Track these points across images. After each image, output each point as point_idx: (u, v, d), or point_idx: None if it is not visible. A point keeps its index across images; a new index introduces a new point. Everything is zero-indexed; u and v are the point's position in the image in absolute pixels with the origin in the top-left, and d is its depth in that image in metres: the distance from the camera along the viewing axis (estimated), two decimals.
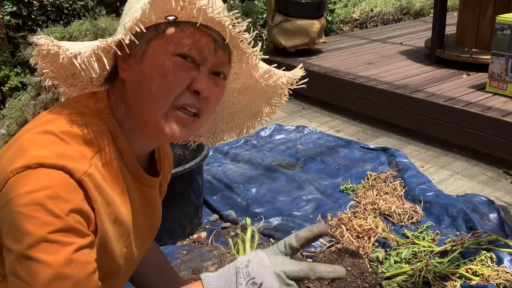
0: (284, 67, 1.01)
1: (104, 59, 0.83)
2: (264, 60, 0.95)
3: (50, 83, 0.95)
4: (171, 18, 0.81)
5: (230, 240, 1.92)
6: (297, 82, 0.98)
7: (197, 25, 0.81)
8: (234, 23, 0.81)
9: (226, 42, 0.85)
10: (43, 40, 0.86)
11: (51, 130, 0.81)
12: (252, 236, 1.93)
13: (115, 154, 0.88)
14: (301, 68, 0.98)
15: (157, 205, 1.10)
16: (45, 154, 0.77)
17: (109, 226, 0.85)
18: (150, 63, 0.84)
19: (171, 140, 0.90)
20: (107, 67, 0.90)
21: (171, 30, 0.83)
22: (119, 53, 0.83)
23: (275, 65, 0.98)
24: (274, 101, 1.06)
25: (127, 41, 0.79)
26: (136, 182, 0.95)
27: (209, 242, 2.25)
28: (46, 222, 0.73)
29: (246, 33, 0.83)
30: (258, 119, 1.12)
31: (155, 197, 1.06)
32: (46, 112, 0.88)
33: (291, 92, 1.01)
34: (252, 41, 0.85)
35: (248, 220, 2.20)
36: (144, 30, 0.79)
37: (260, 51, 0.88)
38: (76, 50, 0.82)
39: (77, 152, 0.80)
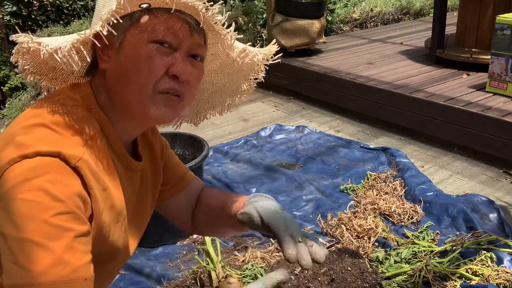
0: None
1: (84, 51, 0.84)
2: None
3: (31, 79, 0.97)
4: (144, 5, 0.82)
5: (196, 257, 1.93)
6: (272, 58, 1.00)
7: (171, 11, 0.83)
8: (207, 7, 0.83)
9: (200, 25, 0.87)
10: (22, 38, 0.87)
11: (42, 122, 0.83)
12: (214, 242, 1.96)
13: (104, 141, 0.90)
14: (274, 44, 1.01)
15: (146, 192, 1.12)
16: (40, 144, 0.78)
17: (105, 211, 0.87)
18: (128, 51, 0.86)
19: (157, 123, 0.93)
20: (88, 59, 0.91)
21: (145, 18, 0.85)
22: (98, 45, 0.85)
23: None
24: (252, 77, 1.09)
25: (105, 33, 0.80)
26: (124, 168, 0.97)
27: (196, 248, 2.25)
28: (49, 206, 0.74)
29: (220, 15, 0.85)
30: (238, 96, 1.14)
31: (143, 183, 1.08)
32: (31, 107, 0.89)
33: (267, 68, 1.04)
34: (226, 22, 0.86)
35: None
36: (121, 21, 0.80)
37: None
38: (56, 44, 0.83)
39: (70, 140, 0.82)
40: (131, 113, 0.91)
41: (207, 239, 2.09)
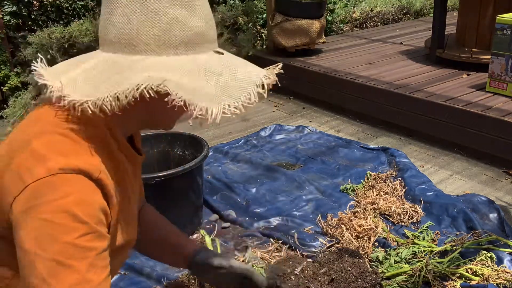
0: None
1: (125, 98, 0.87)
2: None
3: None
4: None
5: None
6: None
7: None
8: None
9: None
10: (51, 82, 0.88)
11: (61, 132, 0.85)
12: (214, 242, 1.97)
13: (113, 143, 0.94)
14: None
15: (139, 184, 1.20)
16: (61, 158, 0.81)
17: (120, 213, 0.92)
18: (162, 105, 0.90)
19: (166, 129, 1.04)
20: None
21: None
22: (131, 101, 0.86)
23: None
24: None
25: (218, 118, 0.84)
26: (131, 165, 1.03)
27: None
28: (74, 228, 0.78)
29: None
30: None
31: (140, 175, 1.15)
32: (39, 110, 0.92)
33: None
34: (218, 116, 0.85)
35: (202, 231, 2.24)
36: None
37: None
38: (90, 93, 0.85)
39: (88, 149, 0.86)
40: (153, 126, 1.01)
41: (207, 239, 2.10)
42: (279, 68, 0.98)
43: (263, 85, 0.92)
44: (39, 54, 1.00)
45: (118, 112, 0.85)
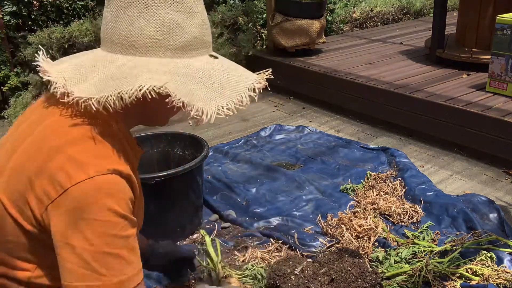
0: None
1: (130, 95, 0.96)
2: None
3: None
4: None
5: (197, 257, 1.95)
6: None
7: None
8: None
9: None
10: (56, 78, 0.97)
11: (90, 136, 0.95)
12: (214, 242, 1.97)
13: (125, 140, 1.04)
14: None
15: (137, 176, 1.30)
16: (98, 162, 0.92)
17: (137, 200, 1.03)
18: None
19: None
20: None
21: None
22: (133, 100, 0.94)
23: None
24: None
25: (212, 119, 0.94)
26: (136, 159, 1.12)
27: (197, 247, 2.25)
28: (116, 222, 0.91)
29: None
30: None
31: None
32: (55, 112, 0.98)
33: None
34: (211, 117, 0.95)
35: (202, 231, 2.22)
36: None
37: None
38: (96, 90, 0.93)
39: (113, 149, 0.96)
40: (150, 122, 1.12)
41: (207, 239, 2.10)
42: (269, 73, 1.07)
43: (254, 89, 1.03)
44: (39, 52, 1.01)
45: (120, 110, 0.94)
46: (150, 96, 0.91)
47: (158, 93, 0.91)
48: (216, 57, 1.04)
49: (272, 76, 1.07)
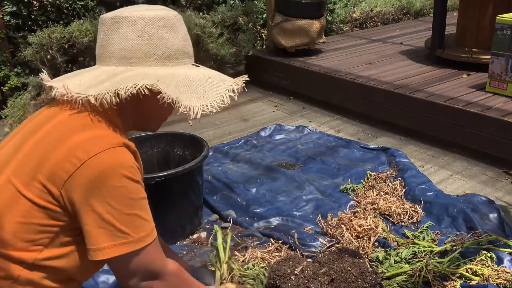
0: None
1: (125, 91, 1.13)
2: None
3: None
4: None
5: (208, 252, 1.93)
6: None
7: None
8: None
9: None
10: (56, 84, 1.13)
11: (99, 120, 1.09)
12: (225, 240, 1.95)
13: (120, 130, 1.16)
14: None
15: None
16: (109, 139, 1.06)
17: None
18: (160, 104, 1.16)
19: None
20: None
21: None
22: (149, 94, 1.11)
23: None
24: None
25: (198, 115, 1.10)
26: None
27: (209, 242, 2.25)
28: (133, 187, 1.06)
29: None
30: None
31: None
32: (73, 113, 1.10)
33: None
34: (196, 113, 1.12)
35: (216, 227, 2.15)
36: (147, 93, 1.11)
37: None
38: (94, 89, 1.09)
39: (120, 130, 1.12)
40: (144, 125, 1.25)
41: (219, 235, 2.04)
42: (246, 78, 1.22)
43: (233, 90, 1.19)
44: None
45: (116, 107, 1.08)
46: (143, 93, 1.07)
47: (151, 90, 1.08)
48: (198, 66, 1.22)
49: (248, 79, 1.23)
